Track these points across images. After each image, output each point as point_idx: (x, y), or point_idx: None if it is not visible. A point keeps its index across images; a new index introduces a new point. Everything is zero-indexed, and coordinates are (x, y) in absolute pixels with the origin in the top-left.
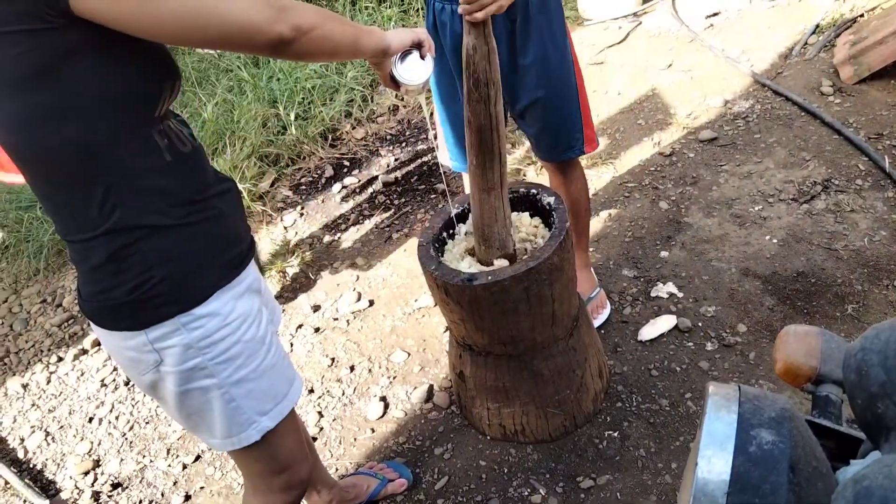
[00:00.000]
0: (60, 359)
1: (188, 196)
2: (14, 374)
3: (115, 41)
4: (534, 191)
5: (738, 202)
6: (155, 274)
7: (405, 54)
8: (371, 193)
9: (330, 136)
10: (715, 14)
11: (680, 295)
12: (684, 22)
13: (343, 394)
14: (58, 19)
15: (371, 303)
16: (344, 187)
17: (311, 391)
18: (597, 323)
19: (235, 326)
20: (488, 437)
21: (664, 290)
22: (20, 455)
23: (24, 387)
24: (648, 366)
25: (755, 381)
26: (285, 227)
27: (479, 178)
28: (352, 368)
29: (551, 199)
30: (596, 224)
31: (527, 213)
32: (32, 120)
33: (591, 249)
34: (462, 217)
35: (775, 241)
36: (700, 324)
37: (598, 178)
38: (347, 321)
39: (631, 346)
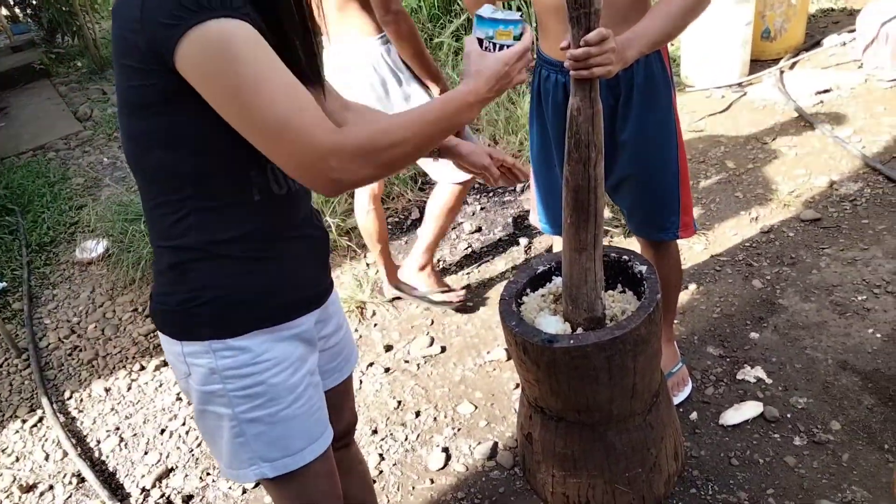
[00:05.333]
0: (143, 367)
1: (261, 234)
2: (99, 377)
3: None
4: (625, 257)
5: (839, 289)
6: (203, 295)
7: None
8: (453, 240)
9: (420, 180)
10: (826, 91)
11: (768, 381)
12: (791, 97)
13: (406, 439)
14: (166, 68)
15: (443, 349)
16: None
17: (375, 432)
18: (677, 400)
19: (264, 367)
20: None
21: (751, 373)
22: (95, 456)
23: (107, 391)
24: (729, 453)
25: (847, 486)
26: (367, 264)
27: (573, 237)
28: (417, 414)
29: (643, 269)
30: (682, 296)
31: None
32: (141, 139)
33: (675, 321)
34: (547, 275)
35: (879, 335)
36: (789, 415)
37: (688, 248)
38: (418, 365)
39: (711, 429)
